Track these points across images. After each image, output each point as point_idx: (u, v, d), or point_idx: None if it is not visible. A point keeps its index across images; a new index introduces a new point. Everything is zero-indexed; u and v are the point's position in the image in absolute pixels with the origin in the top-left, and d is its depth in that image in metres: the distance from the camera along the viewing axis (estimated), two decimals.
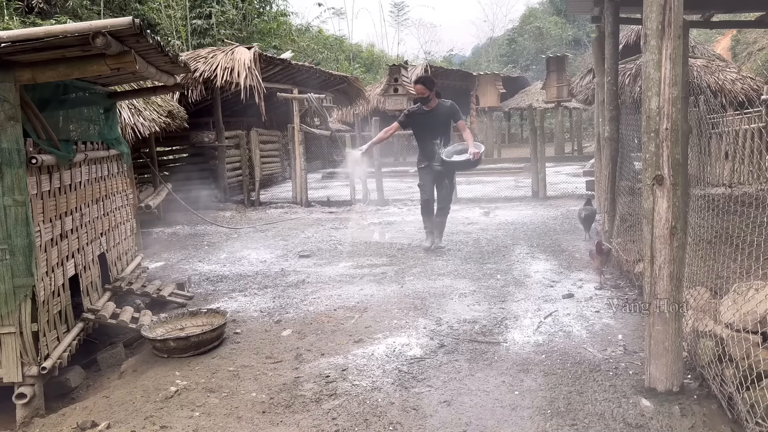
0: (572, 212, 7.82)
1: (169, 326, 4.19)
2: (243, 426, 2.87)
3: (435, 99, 6.32)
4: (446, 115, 6.39)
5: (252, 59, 10.48)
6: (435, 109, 6.32)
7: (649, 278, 2.88)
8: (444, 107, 6.36)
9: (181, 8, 17.93)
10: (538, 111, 16.06)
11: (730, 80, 10.26)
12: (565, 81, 17.39)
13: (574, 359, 3.43)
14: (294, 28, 26.19)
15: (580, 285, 4.96)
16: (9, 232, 3.23)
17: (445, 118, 6.42)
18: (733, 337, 2.69)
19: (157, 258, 6.76)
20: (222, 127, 11.63)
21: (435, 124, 6.33)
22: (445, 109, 6.36)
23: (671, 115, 2.70)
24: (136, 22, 3.05)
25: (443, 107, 6.36)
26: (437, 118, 6.34)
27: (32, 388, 3.33)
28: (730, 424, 2.63)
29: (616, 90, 5.47)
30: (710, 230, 3.38)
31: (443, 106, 6.36)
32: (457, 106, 6.50)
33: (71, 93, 4.34)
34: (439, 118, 6.36)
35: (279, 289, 5.33)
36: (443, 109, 6.36)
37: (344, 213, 9.75)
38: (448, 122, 6.52)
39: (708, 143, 3.84)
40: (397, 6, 47.29)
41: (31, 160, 3.36)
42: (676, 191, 2.74)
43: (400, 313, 4.43)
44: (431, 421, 2.82)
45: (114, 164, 5.25)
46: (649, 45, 2.73)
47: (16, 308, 3.27)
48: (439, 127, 6.35)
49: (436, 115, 6.33)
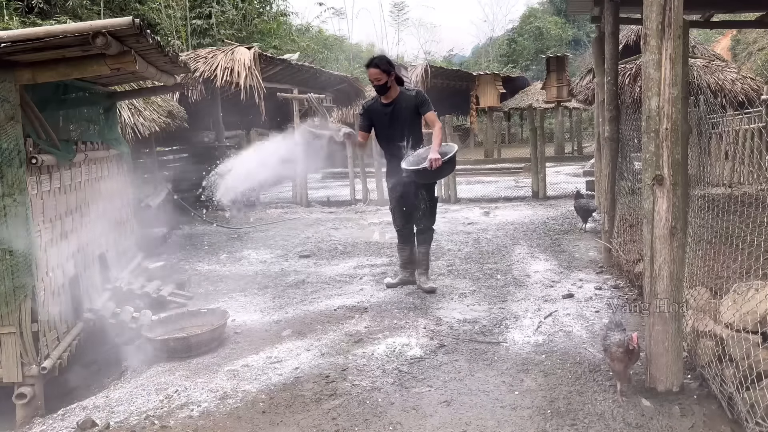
0: (572, 212, 7.83)
1: (169, 326, 4.19)
2: (243, 426, 2.87)
3: (396, 87, 4.86)
4: (411, 108, 4.84)
5: (252, 59, 10.46)
6: (396, 100, 4.85)
7: (649, 278, 2.88)
8: (407, 97, 4.86)
9: (181, 8, 17.92)
10: (538, 111, 16.08)
11: (730, 80, 10.25)
12: (565, 81, 17.37)
13: (574, 359, 3.43)
14: (294, 28, 26.18)
15: (580, 285, 4.96)
16: (9, 232, 3.23)
17: (411, 112, 4.86)
18: (733, 337, 2.68)
19: (157, 258, 6.75)
20: (222, 127, 11.63)
21: (397, 121, 4.87)
22: (408, 99, 4.84)
23: (671, 115, 2.70)
24: (136, 22, 3.05)
25: (406, 97, 4.86)
26: (400, 112, 4.85)
27: (32, 388, 3.33)
28: (730, 424, 2.63)
29: (616, 90, 5.46)
30: (710, 230, 3.38)
31: (406, 96, 4.86)
32: (425, 95, 4.96)
33: (71, 93, 4.35)
34: (403, 113, 4.85)
35: (279, 289, 5.33)
36: (407, 99, 4.85)
37: (344, 213, 9.76)
38: (416, 117, 4.90)
39: (708, 143, 3.84)
40: (397, 6, 47.21)
41: (31, 160, 3.36)
42: (676, 191, 2.74)
43: (400, 313, 4.43)
44: (431, 421, 2.82)
45: (114, 164, 5.25)
46: (649, 45, 2.73)
47: (16, 308, 3.27)
48: (403, 123, 4.85)
49: (398, 108, 4.85)
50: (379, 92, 4.86)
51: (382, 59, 4.86)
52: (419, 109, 4.84)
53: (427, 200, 4.97)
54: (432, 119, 4.84)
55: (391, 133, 4.89)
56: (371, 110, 5.00)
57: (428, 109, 4.85)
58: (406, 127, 4.84)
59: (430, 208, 5.01)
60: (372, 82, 4.83)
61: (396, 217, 5.11)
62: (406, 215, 5.05)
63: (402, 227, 5.10)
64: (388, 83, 4.79)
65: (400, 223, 5.09)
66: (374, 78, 4.76)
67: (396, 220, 5.12)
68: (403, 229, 5.10)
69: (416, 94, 4.89)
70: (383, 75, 4.74)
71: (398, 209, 5.05)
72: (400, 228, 5.11)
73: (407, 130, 4.84)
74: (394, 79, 4.84)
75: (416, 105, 4.83)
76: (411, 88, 5.03)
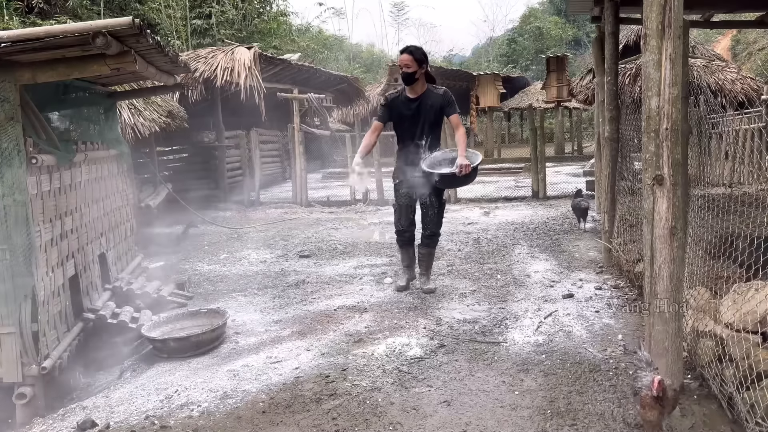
0: (572, 212, 7.84)
1: (169, 326, 4.19)
2: (243, 426, 2.87)
3: (423, 83, 4.67)
4: (437, 107, 4.64)
5: (252, 59, 10.48)
6: (423, 96, 4.64)
7: (649, 278, 2.88)
8: (434, 95, 4.65)
9: (181, 8, 17.92)
10: (538, 111, 16.09)
11: (730, 80, 10.25)
12: (565, 81, 17.38)
13: (574, 359, 3.43)
14: (294, 28, 26.18)
15: (580, 285, 4.96)
16: (9, 232, 3.23)
17: (435, 111, 4.66)
18: (733, 337, 2.69)
19: (157, 258, 6.75)
20: (222, 127, 11.64)
21: (421, 118, 4.64)
22: (435, 98, 4.64)
23: (671, 115, 2.70)
24: (136, 22, 3.05)
25: (433, 95, 4.65)
26: (425, 109, 4.63)
27: (32, 388, 3.33)
28: (730, 424, 2.63)
29: (616, 90, 5.46)
30: (710, 230, 3.38)
31: (433, 94, 4.66)
32: (452, 96, 4.75)
33: (71, 93, 4.35)
34: (428, 111, 4.63)
35: (279, 289, 5.33)
36: (433, 97, 4.64)
37: (344, 213, 9.76)
38: (439, 117, 4.72)
39: (708, 143, 3.84)
40: (397, 6, 47.31)
41: (31, 160, 3.36)
42: (676, 191, 2.74)
43: (400, 313, 4.43)
44: (431, 421, 2.82)
45: (114, 164, 5.25)
46: (649, 45, 2.73)
47: (16, 308, 3.27)
48: (425, 122, 4.65)
49: (423, 105, 4.63)
50: (406, 81, 4.61)
51: (418, 49, 4.66)
52: (444, 109, 4.66)
53: (436, 205, 4.79)
54: (457, 122, 4.70)
55: (413, 131, 4.68)
56: (395, 103, 4.73)
57: (454, 111, 4.69)
58: (428, 126, 4.66)
59: (438, 212, 4.84)
60: (400, 68, 4.61)
61: (401, 218, 4.86)
62: (412, 217, 4.87)
63: (405, 228, 4.88)
64: (416, 75, 4.57)
65: (404, 224, 4.87)
66: (404, 64, 4.55)
67: (400, 221, 4.87)
68: (405, 230, 4.90)
69: (444, 94, 4.68)
70: (414, 64, 4.53)
71: (405, 210, 4.83)
72: (403, 229, 4.89)
73: (428, 130, 4.67)
74: (424, 73, 4.65)
75: (442, 105, 4.65)
76: (439, 87, 4.75)
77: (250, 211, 10.37)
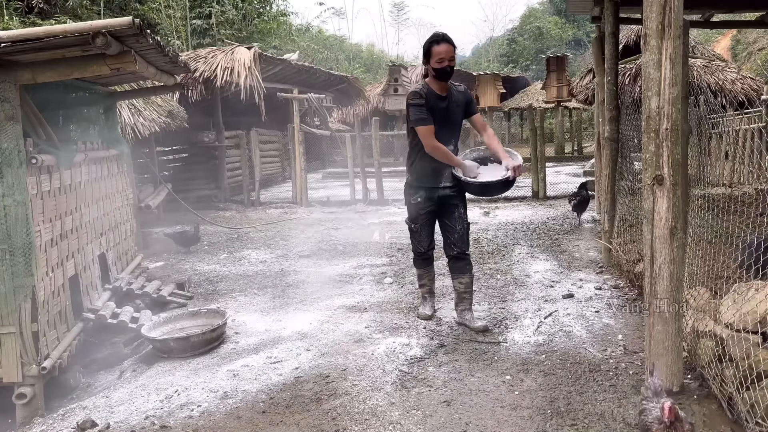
0: (572, 212, 7.84)
1: (169, 326, 4.19)
2: (243, 426, 2.87)
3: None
4: (462, 106, 3.99)
5: (252, 59, 10.47)
6: (450, 94, 3.93)
7: (649, 278, 2.88)
8: (457, 92, 3.98)
9: (181, 8, 17.93)
10: (538, 111, 16.06)
11: (730, 80, 10.26)
12: (565, 81, 17.40)
13: (574, 359, 3.43)
14: (294, 28, 26.19)
15: (580, 285, 4.96)
16: (9, 232, 3.23)
17: (462, 110, 4.01)
18: (733, 337, 2.68)
19: (157, 258, 6.75)
20: (222, 127, 11.63)
21: (451, 118, 3.94)
22: (458, 95, 3.98)
23: (671, 115, 2.70)
24: (136, 22, 3.05)
25: (456, 92, 3.98)
26: (453, 109, 3.94)
27: (32, 388, 3.33)
28: (730, 424, 2.62)
29: (616, 90, 5.46)
30: (710, 230, 3.38)
31: (457, 92, 3.98)
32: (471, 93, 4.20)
33: (71, 93, 4.35)
34: (456, 110, 3.96)
35: (279, 289, 5.33)
36: (457, 95, 3.97)
37: (344, 213, 9.75)
38: (464, 116, 4.06)
39: (708, 143, 3.84)
40: (397, 6, 47.31)
41: (31, 160, 3.36)
42: (676, 191, 2.74)
43: (400, 313, 4.43)
44: (431, 421, 2.82)
45: (114, 164, 5.25)
46: (649, 45, 2.73)
47: (16, 308, 3.27)
48: (454, 122, 3.99)
49: (452, 103, 3.93)
50: (444, 78, 3.81)
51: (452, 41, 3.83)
52: (468, 108, 4.03)
53: (465, 218, 4.07)
54: (482, 122, 4.14)
55: (442, 133, 3.87)
56: (429, 100, 3.83)
57: (476, 109, 4.15)
58: (456, 128, 4.02)
59: (468, 227, 4.10)
60: (440, 63, 3.73)
61: (422, 240, 4.12)
62: (431, 237, 4.15)
63: (426, 249, 4.16)
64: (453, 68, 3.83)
65: (426, 245, 4.13)
66: (449, 57, 3.74)
67: (421, 242, 4.13)
68: (427, 251, 4.17)
69: (465, 91, 4.06)
70: (454, 57, 3.79)
71: (427, 230, 4.11)
72: (424, 251, 4.16)
73: (456, 131, 4.02)
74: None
75: (466, 103, 4.01)
76: (458, 84, 4.06)
77: (250, 211, 10.37)
